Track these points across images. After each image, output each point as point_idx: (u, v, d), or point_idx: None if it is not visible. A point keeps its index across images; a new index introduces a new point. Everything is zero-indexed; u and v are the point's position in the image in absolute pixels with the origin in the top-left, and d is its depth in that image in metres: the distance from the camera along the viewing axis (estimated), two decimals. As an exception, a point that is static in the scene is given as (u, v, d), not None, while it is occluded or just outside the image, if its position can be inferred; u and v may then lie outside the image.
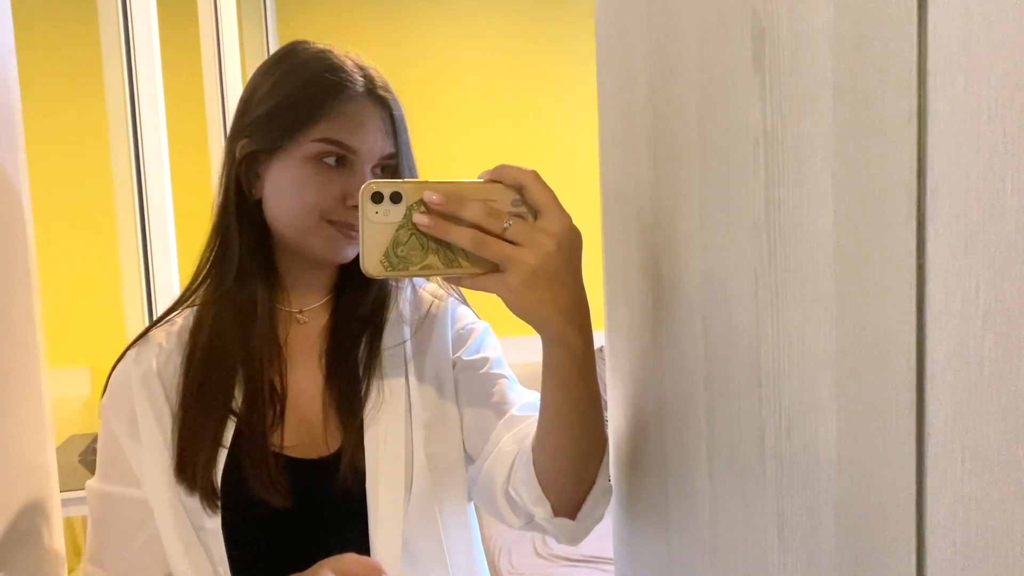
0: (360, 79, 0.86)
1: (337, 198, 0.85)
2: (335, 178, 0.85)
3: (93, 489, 0.89)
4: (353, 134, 0.85)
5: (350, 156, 0.85)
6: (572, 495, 0.80)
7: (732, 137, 0.51)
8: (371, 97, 0.87)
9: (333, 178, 0.85)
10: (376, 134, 0.86)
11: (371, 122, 0.86)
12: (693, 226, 0.60)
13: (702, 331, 0.59)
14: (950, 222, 0.33)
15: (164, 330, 0.93)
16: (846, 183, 0.39)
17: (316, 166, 0.85)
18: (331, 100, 0.84)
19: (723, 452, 0.57)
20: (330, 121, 0.84)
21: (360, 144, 0.85)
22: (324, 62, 0.86)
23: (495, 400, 0.90)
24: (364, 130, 0.85)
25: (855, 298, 0.39)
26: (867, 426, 0.39)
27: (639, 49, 0.71)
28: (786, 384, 0.46)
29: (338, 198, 0.85)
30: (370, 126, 0.86)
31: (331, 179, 0.85)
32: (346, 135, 0.84)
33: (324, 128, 0.84)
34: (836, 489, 0.42)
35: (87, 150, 3.13)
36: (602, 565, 2.45)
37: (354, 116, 0.85)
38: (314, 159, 0.84)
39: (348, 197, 0.85)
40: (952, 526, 0.33)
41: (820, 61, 0.41)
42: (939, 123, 0.33)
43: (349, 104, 0.85)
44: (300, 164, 0.85)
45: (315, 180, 0.84)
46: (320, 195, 0.85)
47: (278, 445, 0.87)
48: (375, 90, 0.87)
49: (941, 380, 0.33)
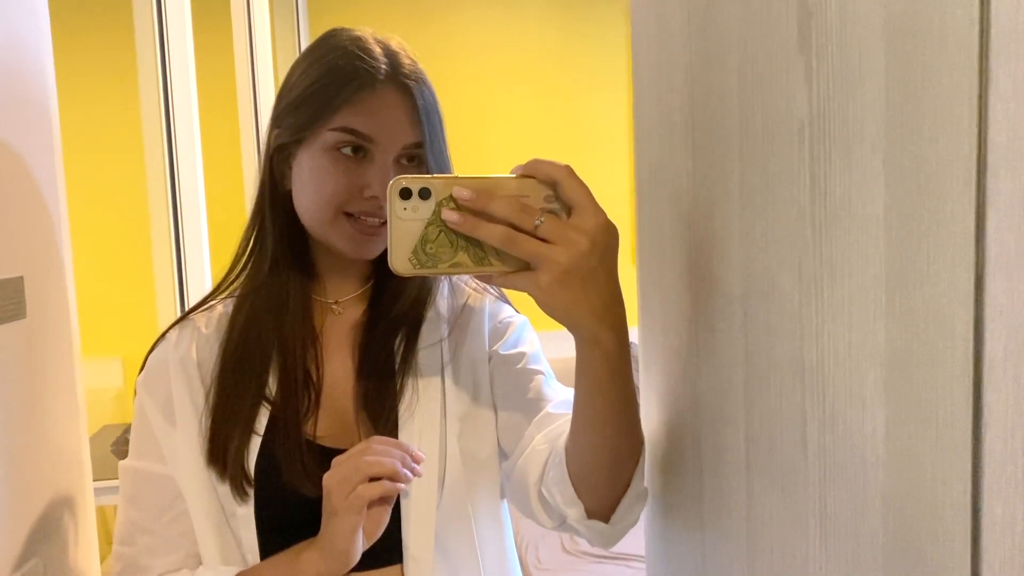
0: (384, 65, 0.83)
1: (354, 189, 0.83)
2: (353, 168, 0.83)
3: (125, 467, 0.89)
4: (370, 122, 0.82)
5: (368, 145, 0.83)
6: (606, 497, 0.78)
7: (775, 122, 0.50)
8: (393, 83, 0.83)
9: (351, 168, 0.83)
10: (396, 122, 0.83)
11: (391, 110, 0.83)
12: (733, 215, 0.58)
13: (742, 323, 0.58)
14: (1013, 207, 0.31)
15: (204, 315, 0.93)
16: (898, 167, 0.38)
17: (334, 156, 0.83)
18: (349, 88, 0.82)
19: (762, 446, 0.55)
20: (347, 110, 0.82)
21: (378, 133, 0.82)
22: (351, 49, 0.84)
23: (530, 396, 0.88)
24: (382, 118, 0.83)
25: (907, 287, 0.37)
26: (919, 420, 0.37)
27: (677, 32, 0.70)
28: (831, 376, 0.45)
29: (355, 189, 0.83)
30: (389, 114, 0.83)
31: (349, 169, 0.83)
32: (363, 124, 0.82)
33: (342, 117, 0.82)
34: (884, 484, 0.40)
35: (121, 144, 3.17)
36: (630, 562, 2.44)
37: (372, 104, 0.82)
38: (332, 149, 0.83)
39: (366, 188, 0.83)
40: (1011, 523, 0.32)
41: (871, 40, 0.39)
42: (1002, 100, 0.31)
43: (367, 92, 0.82)
44: (319, 154, 0.83)
45: (332, 171, 0.83)
46: (337, 186, 0.83)
47: (311, 434, 0.87)
48: (399, 77, 0.84)
49: (1002, 372, 0.32)
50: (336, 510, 0.75)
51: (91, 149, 3.28)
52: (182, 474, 0.86)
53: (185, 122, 1.98)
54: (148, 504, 0.87)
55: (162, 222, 2.00)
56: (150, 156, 1.98)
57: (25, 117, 0.91)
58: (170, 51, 1.94)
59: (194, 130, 2.00)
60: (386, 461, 0.75)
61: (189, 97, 1.98)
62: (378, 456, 0.75)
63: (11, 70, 0.89)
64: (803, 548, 0.49)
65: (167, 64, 1.95)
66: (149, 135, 1.97)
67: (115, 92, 3.22)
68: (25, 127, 0.91)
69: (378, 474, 0.75)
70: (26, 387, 0.88)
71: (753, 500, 0.57)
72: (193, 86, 1.99)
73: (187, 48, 1.97)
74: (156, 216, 2.00)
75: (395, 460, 0.75)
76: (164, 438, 0.87)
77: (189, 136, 1.99)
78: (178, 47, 1.95)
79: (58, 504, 0.94)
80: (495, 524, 0.92)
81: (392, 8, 3.61)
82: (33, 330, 0.90)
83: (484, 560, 0.90)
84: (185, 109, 1.98)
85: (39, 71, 0.96)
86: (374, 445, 0.77)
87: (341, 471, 0.76)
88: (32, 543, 0.87)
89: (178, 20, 1.95)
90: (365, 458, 0.75)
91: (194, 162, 2.00)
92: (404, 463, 0.76)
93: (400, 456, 0.76)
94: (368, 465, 0.75)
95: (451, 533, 0.87)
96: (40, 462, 0.91)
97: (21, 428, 0.86)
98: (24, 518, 0.86)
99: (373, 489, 0.74)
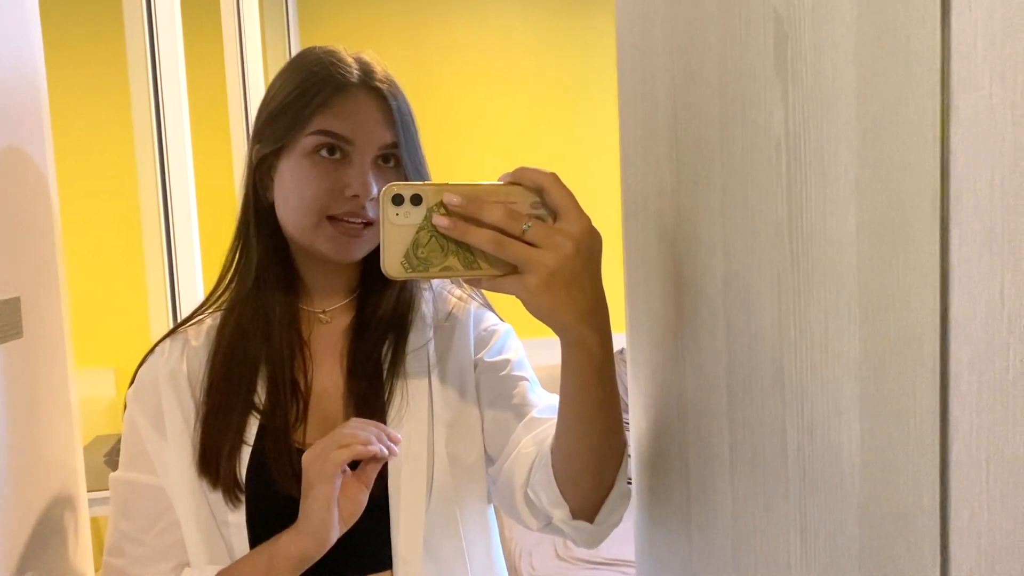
0: (356, 71, 0.87)
1: (335, 190, 0.85)
2: (332, 170, 0.85)
3: (116, 479, 0.90)
4: (346, 124, 0.85)
5: (346, 147, 0.85)
6: (591, 498, 0.80)
7: (754, 140, 0.51)
8: (366, 88, 0.87)
9: (330, 170, 0.85)
10: (372, 123, 0.86)
11: (366, 111, 0.86)
12: (715, 229, 0.60)
13: (724, 334, 0.59)
14: (974, 224, 0.32)
15: (194, 329, 0.95)
16: (869, 186, 0.39)
17: (313, 160, 0.85)
18: (324, 92, 0.85)
19: (745, 454, 0.57)
20: (323, 113, 0.85)
21: (355, 133, 0.85)
22: (324, 60, 0.88)
23: (516, 402, 0.90)
24: (358, 120, 0.86)
25: (879, 301, 0.39)
26: (891, 429, 0.39)
27: (660, 50, 0.71)
28: (809, 387, 0.46)
29: (336, 190, 0.85)
30: (365, 115, 0.86)
31: (328, 172, 0.85)
32: (339, 125, 0.85)
33: (318, 120, 0.85)
34: (859, 492, 0.42)
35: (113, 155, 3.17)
36: (623, 568, 2.45)
37: (347, 107, 0.86)
38: (312, 153, 0.85)
39: (346, 188, 0.85)
40: (977, 530, 0.33)
41: (843, 65, 0.41)
42: (963, 125, 0.33)
43: (340, 95, 0.86)
44: (299, 160, 0.86)
45: (312, 174, 0.85)
46: (318, 189, 0.85)
47: (301, 442, 0.88)
48: (371, 81, 0.87)
49: (967, 383, 0.33)
50: (311, 483, 0.78)
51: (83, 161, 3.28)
52: (173, 485, 0.87)
53: (177, 133, 1.99)
54: (138, 515, 0.88)
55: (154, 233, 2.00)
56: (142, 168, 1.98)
57: (18, 133, 0.92)
58: (161, 62, 1.95)
59: (186, 141, 2.01)
60: (360, 433, 0.77)
61: (180, 108, 1.99)
62: (353, 429, 0.78)
63: (4, 82, 0.90)
64: (785, 557, 0.51)
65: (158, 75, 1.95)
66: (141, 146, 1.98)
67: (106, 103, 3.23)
68: (18, 143, 0.92)
69: (351, 443, 0.77)
70: (23, 403, 0.88)
71: (738, 509, 0.59)
72: (184, 97, 2.00)
73: (178, 59, 1.98)
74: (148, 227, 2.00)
75: (370, 433, 0.78)
76: (155, 450, 0.88)
77: (181, 147, 1.99)
78: (169, 57, 1.96)
79: (54, 516, 0.94)
80: (482, 528, 0.94)
81: (383, 19, 3.62)
82: (30, 348, 0.90)
83: (472, 563, 0.91)
84: (176, 120, 1.98)
85: (31, 84, 0.97)
86: (350, 422, 0.79)
87: (316, 447, 0.79)
88: (29, 554, 0.87)
89: (169, 30, 1.96)
90: (340, 430, 0.78)
91: (186, 173, 2.01)
92: (379, 439, 0.78)
93: (376, 432, 0.78)
94: (343, 436, 0.77)
95: (439, 537, 0.88)
96: (36, 475, 0.91)
97: (17, 442, 0.87)
98: (21, 530, 0.87)
99: (342, 453, 0.77)
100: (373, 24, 3.61)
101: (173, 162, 1.99)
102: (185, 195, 2.01)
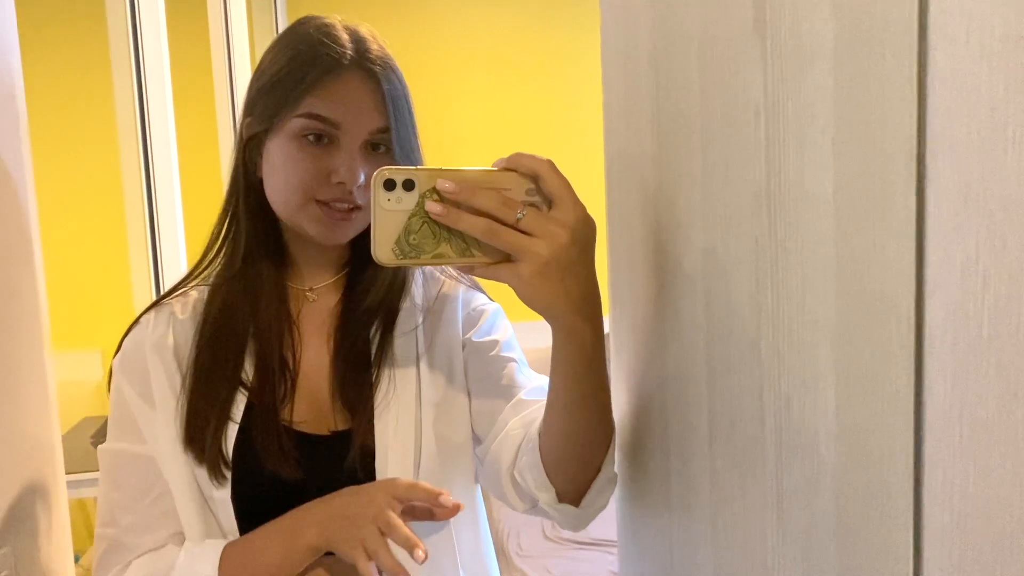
0: (350, 51, 0.83)
1: (322, 175, 0.83)
2: (320, 155, 0.83)
3: (105, 450, 0.89)
4: (336, 108, 0.82)
5: (334, 131, 0.83)
6: (577, 482, 0.79)
7: (733, 105, 0.50)
8: (359, 69, 0.83)
9: (318, 154, 0.83)
10: (363, 108, 0.83)
11: (357, 95, 0.83)
12: (695, 198, 0.59)
13: (704, 304, 0.58)
14: (950, 182, 0.32)
15: (179, 300, 0.93)
16: (846, 147, 0.38)
17: (300, 143, 0.83)
18: (314, 73, 0.82)
19: (723, 427, 0.56)
20: (313, 95, 0.82)
21: (343, 118, 0.82)
22: (317, 36, 0.84)
23: (504, 383, 0.89)
24: (348, 104, 0.83)
25: (855, 264, 0.38)
26: (866, 395, 0.38)
27: (642, 18, 0.70)
28: (786, 355, 0.46)
29: (323, 175, 0.83)
30: (355, 99, 0.83)
31: (315, 156, 0.83)
32: (329, 109, 0.82)
33: (308, 103, 0.82)
34: (835, 460, 0.41)
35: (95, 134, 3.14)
36: (610, 548, 2.45)
37: (337, 90, 0.83)
38: (299, 136, 0.83)
39: (333, 174, 0.83)
40: (950, 492, 0.33)
41: (821, 22, 0.40)
42: (940, 78, 0.32)
43: (331, 77, 0.82)
44: (286, 141, 0.83)
45: (299, 157, 0.83)
46: (304, 173, 0.83)
47: (288, 420, 0.87)
48: (365, 62, 0.84)
49: (941, 342, 0.33)
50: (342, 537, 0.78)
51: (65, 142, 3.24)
52: (163, 454, 0.86)
53: (160, 112, 1.96)
54: (129, 484, 0.87)
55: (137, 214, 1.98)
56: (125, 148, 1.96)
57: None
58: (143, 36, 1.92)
59: (169, 120, 1.98)
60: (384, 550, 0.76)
61: (164, 87, 1.96)
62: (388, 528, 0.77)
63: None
64: (761, 528, 0.50)
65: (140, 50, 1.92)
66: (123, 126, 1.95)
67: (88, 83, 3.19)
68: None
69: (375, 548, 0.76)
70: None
71: (716, 481, 0.58)
72: (167, 72, 1.98)
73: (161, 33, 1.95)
74: (131, 209, 1.98)
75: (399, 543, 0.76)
76: (143, 418, 0.87)
77: (164, 127, 1.97)
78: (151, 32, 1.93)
79: (30, 494, 0.93)
80: (469, 509, 0.93)
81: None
82: (2, 321, 0.89)
83: (459, 543, 0.91)
84: (160, 99, 1.96)
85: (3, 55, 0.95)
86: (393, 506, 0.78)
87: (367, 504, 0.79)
88: (3, 533, 0.86)
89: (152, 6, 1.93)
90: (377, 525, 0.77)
91: (169, 153, 1.99)
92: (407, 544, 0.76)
93: (405, 539, 0.76)
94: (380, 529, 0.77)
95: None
96: (12, 451, 0.90)
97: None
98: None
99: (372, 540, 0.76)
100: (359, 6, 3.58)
101: (156, 142, 1.96)
102: (168, 175, 1.99)
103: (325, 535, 0.79)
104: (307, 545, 0.79)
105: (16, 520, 0.90)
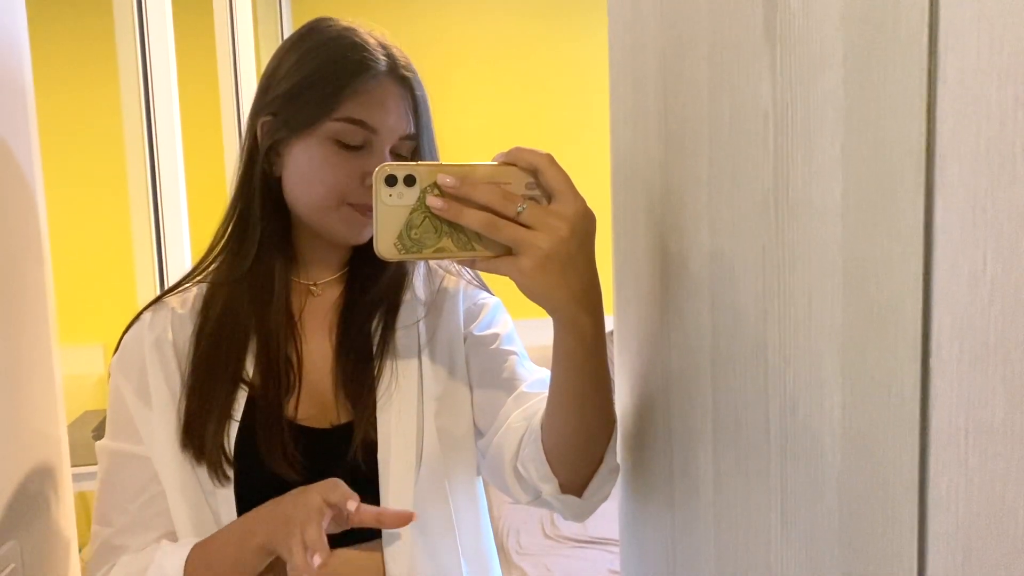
0: (383, 58, 0.86)
1: (357, 178, 0.85)
2: (353, 158, 0.85)
3: (102, 448, 0.90)
4: (374, 114, 0.84)
5: (371, 136, 0.85)
6: (579, 473, 0.80)
7: (742, 110, 0.51)
8: (393, 76, 0.86)
9: (351, 158, 0.85)
10: (397, 114, 0.86)
11: (393, 102, 0.85)
12: (702, 202, 0.59)
13: (709, 307, 0.59)
14: (958, 191, 0.32)
15: (179, 297, 0.94)
16: (855, 154, 0.39)
17: (336, 146, 0.84)
18: (354, 79, 0.84)
19: (728, 428, 0.56)
20: (352, 100, 0.84)
21: (381, 124, 0.85)
22: (348, 40, 0.86)
23: (505, 376, 0.90)
24: (385, 110, 0.85)
25: (862, 270, 0.38)
26: (872, 400, 0.38)
27: (651, 22, 0.70)
28: (792, 358, 0.46)
29: (358, 179, 0.85)
30: (392, 106, 0.85)
31: (350, 159, 0.85)
32: (368, 114, 0.84)
33: (347, 108, 0.84)
34: (840, 464, 0.41)
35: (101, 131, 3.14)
36: (610, 547, 2.46)
37: (376, 96, 0.85)
38: (335, 139, 0.84)
39: (367, 177, 0.85)
40: (955, 498, 0.33)
41: (830, 31, 0.40)
42: (950, 90, 0.32)
43: (371, 83, 0.84)
44: (320, 144, 0.84)
45: (334, 160, 0.84)
46: (339, 176, 0.84)
47: (291, 415, 0.88)
48: (398, 70, 0.87)
49: (948, 351, 0.33)
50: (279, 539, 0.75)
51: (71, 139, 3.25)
52: (158, 454, 0.86)
53: (166, 110, 1.96)
54: (124, 485, 0.87)
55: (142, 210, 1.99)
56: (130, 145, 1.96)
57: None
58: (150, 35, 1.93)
59: (175, 118, 1.99)
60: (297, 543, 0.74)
61: (170, 84, 1.97)
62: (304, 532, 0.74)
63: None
64: (765, 530, 0.51)
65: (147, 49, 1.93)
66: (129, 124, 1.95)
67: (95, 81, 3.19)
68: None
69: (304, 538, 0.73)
70: (3, 372, 0.88)
71: (720, 482, 0.59)
72: (174, 74, 1.98)
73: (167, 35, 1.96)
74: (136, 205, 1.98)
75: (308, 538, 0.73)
76: (140, 418, 0.88)
77: (169, 124, 1.97)
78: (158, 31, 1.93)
79: (36, 485, 0.94)
80: (471, 500, 0.94)
81: None
82: (11, 315, 0.90)
83: (461, 535, 0.91)
84: (166, 96, 1.96)
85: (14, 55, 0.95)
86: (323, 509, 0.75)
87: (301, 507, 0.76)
88: (9, 525, 0.87)
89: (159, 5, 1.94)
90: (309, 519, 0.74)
91: (174, 151, 1.99)
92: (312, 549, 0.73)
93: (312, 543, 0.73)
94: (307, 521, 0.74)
95: (428, 509, 0.88)
96: (18, 443, 0.91)
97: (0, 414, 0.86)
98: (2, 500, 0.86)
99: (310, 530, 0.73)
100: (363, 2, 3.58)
101: (162, 139, 1.97)
102: (173, 173, 1.99)
103: (268, 536, 0.78)
104: (257, 545, 0.78)
105: (23, 513, 0.90)
